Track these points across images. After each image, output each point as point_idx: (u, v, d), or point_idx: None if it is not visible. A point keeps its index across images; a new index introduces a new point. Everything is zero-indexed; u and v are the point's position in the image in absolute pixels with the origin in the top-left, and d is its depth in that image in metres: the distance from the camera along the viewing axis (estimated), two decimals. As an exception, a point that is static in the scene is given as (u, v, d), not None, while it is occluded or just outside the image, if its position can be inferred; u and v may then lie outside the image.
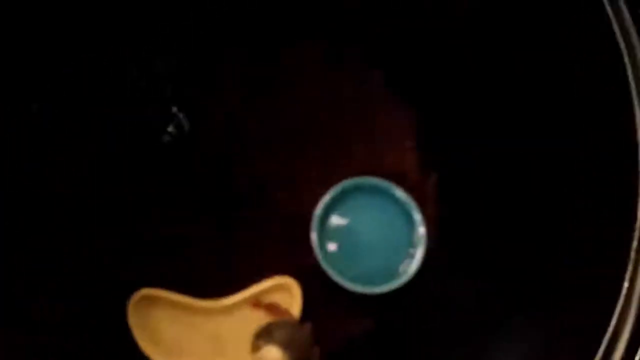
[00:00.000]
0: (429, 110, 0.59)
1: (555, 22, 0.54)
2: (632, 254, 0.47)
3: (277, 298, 0.55)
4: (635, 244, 0.47)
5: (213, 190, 0.58)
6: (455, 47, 0.58)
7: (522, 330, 0.53)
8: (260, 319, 0.54)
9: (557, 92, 0.54)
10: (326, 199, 0.56)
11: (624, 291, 0.46)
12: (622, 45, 0.49)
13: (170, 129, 0.58)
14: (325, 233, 0.57)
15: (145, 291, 0.54)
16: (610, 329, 0.46)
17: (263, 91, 0.60)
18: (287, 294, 0.55)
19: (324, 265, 0.55)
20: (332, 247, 0.57)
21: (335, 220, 0.57)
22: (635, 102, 0.49)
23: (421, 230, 0.56)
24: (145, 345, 0.53)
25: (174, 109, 0.58)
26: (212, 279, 0.56)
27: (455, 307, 0.56)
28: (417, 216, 0.56)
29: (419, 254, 0.55)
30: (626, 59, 0.49)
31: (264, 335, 0.52)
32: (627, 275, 0.47)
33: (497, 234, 0.56)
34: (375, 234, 0.57)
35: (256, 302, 0.55)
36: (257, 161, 0.59)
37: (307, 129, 0.59)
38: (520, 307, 0.54)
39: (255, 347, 0.51)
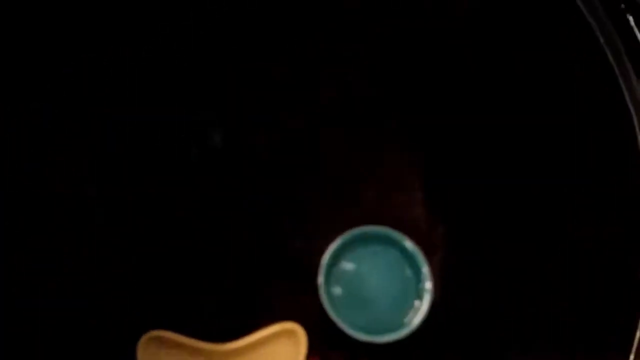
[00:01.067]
0: (435, 150, 0.59)
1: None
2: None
3: (283, 343, 0.55)
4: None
5: (217, 231, 0.58)
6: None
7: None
8: None
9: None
10: (335, 245, 0.56)
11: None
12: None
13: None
14: (332, 279, 0.56)
15: (154, 333, 0.53)
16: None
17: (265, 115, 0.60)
18: (292, 339, 0.54)
19: (329, 311, 0.54)
20: (338, 292, 0.56)
21: (343, 266, 0.57)
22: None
23: (428, 284, 0.56)
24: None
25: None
26: (218, 322, 0.55)
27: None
28: (425, 269, 0.56)
29: (425, 306, 0.55)
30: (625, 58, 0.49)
31: None
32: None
33: (505, 285, 0.56)
34: (382, 283, 0.57)
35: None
36: (265, 203, 0.58)
37: (317, 173, 0.59)
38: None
39: None
